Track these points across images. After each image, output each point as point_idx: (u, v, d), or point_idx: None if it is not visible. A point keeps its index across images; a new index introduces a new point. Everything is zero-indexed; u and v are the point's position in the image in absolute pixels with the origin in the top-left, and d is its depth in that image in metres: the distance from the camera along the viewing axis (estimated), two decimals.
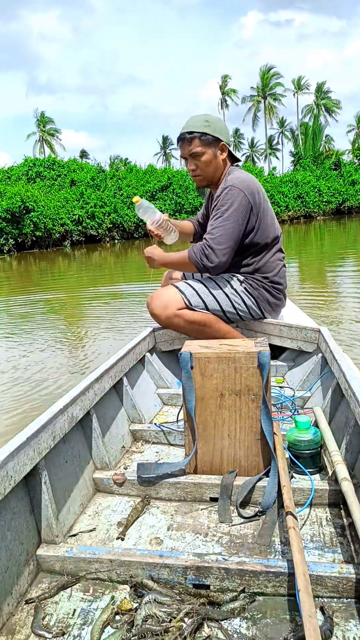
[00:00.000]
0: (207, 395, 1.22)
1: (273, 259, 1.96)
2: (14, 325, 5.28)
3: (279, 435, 1.30)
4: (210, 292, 1.90)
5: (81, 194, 22.04)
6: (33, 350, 4.03)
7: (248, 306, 1.95)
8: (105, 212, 21.90)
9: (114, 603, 0.89)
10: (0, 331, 4.98)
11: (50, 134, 50.50)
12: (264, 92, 50.13)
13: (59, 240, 21.03)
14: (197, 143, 1.87)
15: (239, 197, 1.80)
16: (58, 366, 3.50)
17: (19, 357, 3.85)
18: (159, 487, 1.23)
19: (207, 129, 1.85)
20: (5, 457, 0.88)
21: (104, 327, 4.75)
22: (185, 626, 0.81)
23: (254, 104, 51.86)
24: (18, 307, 6.51)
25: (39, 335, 4.60)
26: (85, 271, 11.07)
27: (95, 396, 1.33)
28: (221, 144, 1.89)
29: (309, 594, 0.78)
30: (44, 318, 5.59)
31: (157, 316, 1.89)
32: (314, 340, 1.86)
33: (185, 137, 1.88)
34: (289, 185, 28.37)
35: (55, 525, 1.03)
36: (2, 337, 4.70)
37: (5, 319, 5.68)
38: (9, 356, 3.91)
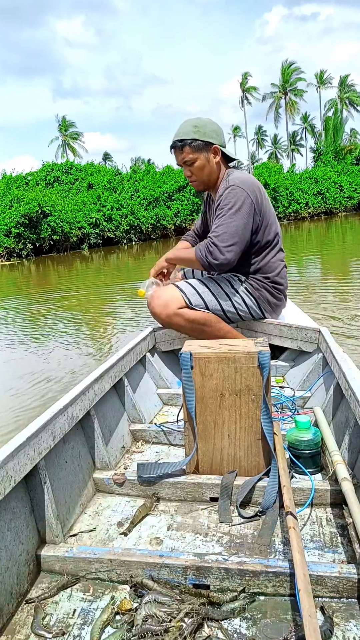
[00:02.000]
0: (207, 395, 1.22)
1: (274, 259, 1.96)
2: (37, 324, 5.51)
3: (279, 435, 1.30)
4: (211, 291, 1.90)
5: (98, 197, 22.11)
6: (55, 347, 4.22)
7: (248, 306, 1.95)
8: (122, 215, 21.94)
9: (114, 603, 0.89)
10: (29, 330, 5.16)
11: (73, 137, 50.84)
12: (285, 88, 49.63)
13: (77, 244, 21.16)
14: (188, 150, 1.87)
15: (243, 197, 1.80)
16: (84, 360, 3.71)
17: (46, 352, 4.08)
18: (159, 487, 1.23)
19: (197, 134, 1.85)
20: (5, 457, 0.88)
21: (127, 322, 4.91)
22: (185, 626, 0.81)
23: (275, 100, 51.43)
24: (39, 306, 6.78)
25: (62, 332, 4.80)
26: (103, 273, 11.22)
27: (95, 396, 1.34)
28: (213, 147, 1.88)
29: (309, 594, 0.78)
30: (65, 317, 5.78)
31: (158, 315, 1.89)
32: (314, 340, 1.86)
33: (176, 146, 1.88)
34: (308, 182, 27.98)
35: (55, 525, 1.03)
36: (30, 336, 4.88)
37: (29, 319, 5.89)
38: (40, 352, 4.12)
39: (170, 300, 1.86)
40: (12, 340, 4.75)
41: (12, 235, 19.06)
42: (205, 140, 1.86)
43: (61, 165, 25.23)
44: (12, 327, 5.46)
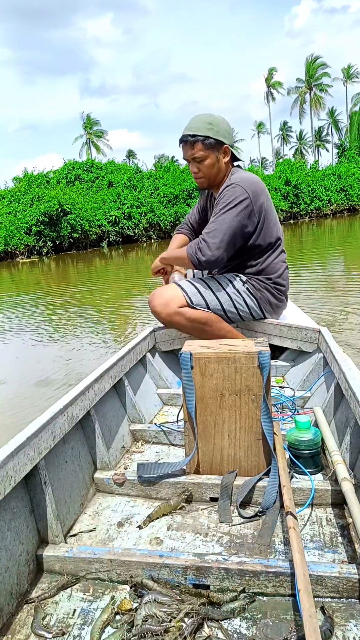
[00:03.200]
0: (207, 395, 1.22)
1: (277, 260, 1.96)
2: (56, 317, 5.77)
3: (279, 435, 1.30)
4: (212, 291, 1.90)
5: (118, 195, 22.17)
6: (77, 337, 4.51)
7: (249, 306, 1.95)
8: (142, 212, 21.99)
9: (114, 603, 0.89)
10: (57, 323, 5.41)
11: (97, 135, 51.08)
12: (310, 83, 49.19)
13: (96, 242, 21.27)
14: (199, 147, 1.84)
15: (241, 195, 1.80)
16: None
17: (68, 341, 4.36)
18: (159, 487, 1.23)
19: (211, 132, 1.82)
20: (5, 457, 0.88)
21: (145, 316, 5.06)
22: (185, 626, 0.81)
23: (300, 95, 50.99)
24: (59, 301, 7.09)
25: (83, 325, 5.08)
26: (122, 270, 11.34)
27: (95, 396, 1.33)
28: (224, 147, 1.87)
29: (309, 594, 0.78)
30: (84, 310, 6.06)
31: (158, 314, 1.89)
32: (314, 341, 1.86)
33: (187, 140, 1.84)
34: (331, 178, 27.81)
35: (55, 525, 1.03)
36: (58, 329, 5.11)
37: (50, 314, 6.11)
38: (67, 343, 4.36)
39: (171, 299, 1.86)
40: (37, 332, 5.00)
41: (32, 233, 19.27)
42: (218, 139, 1.84)
43: (82, 163, 25.37)
44: (32, 320, 5.73)
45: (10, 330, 5.23)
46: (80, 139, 50.71)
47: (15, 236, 18.87)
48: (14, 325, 5.48)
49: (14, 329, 5.29)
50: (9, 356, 4.22)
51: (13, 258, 19.12)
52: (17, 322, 5.68)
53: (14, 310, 6.70)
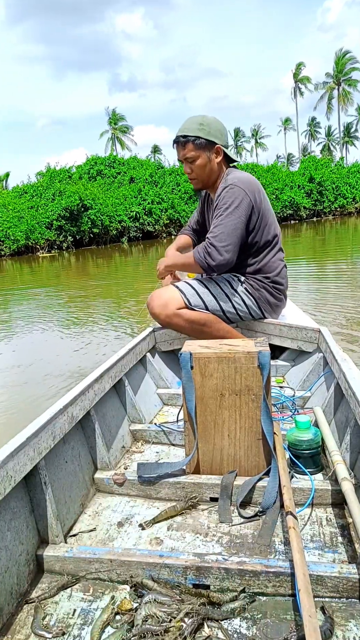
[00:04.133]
0: (207, 395, 1.22)
1: (274, 259, 1.96)
2: (75, 309, 5.99)
3: (279, 435, 1.30)
4: (210, 292, 1.90)
5: (139, 190, 22.24)
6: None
7: (248, 306, 1.95)
8: (163, 208, 22.04)
9: (114, 603, 0.89)
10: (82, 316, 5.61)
11: (122, 130, 51.20)
12: (338, 78, 48.50)
13: (117, 237, 21.36)
14: (190, 147, 1.86)
15: (240, 196, 1.80)
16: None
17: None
18: (159, 487, 1.23)
19: (201, 132, 1.85)
20: (5, 457, 0.88)
21: None
22: (185, 626, 0.81)
23: (327, 90, 50.40)
24: (76, 294, 7.36)
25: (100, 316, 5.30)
26: (142, 265, 11.49)
27: (95, 396, 1.33)
28: (216, 147, 1.88)
29: (309, 594, 0.78)
30: (102, 303, 6.31)
31: (157, 315, 1.89)
32: (314, 340, 1.86)
33: (179, 141, 1.88)
34: (357, 175, 27.65)
35: (55, 525, 1.03)
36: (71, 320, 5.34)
37: (71, 306, 6.35)
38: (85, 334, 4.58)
39: (169, 301, 1.86)
40: (62, 323, 5.17)
41: (53, 227, 19.41)
42: (209, 139, 1.86)
43: (105, 158, 25.51)
44: (54, 311, 5.94)
45: (35, 322, 5.39)
46: (105, 134, 51.01)
47: (36, 230, 19.02)
48: (41, 317, 5.67)
49: (41, 320, 5.47)
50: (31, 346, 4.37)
51: (34, 252, 19.26)
52: (40, 314, 5.87)
53: (37, 303, 6.90)
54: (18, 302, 7.26)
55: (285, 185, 25.72)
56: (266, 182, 24.33)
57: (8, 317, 5.95)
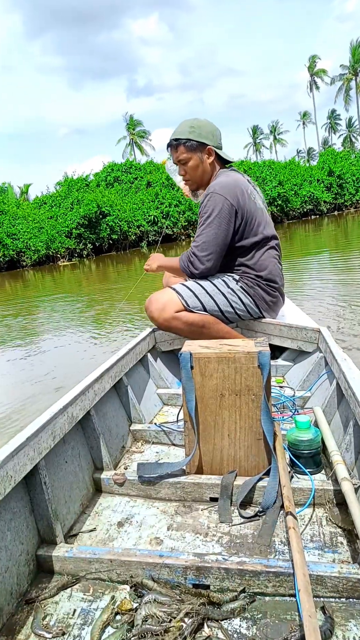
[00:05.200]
0: (207, 395, 1.22)
1: (265, 257, 1.96)
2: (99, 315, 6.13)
3: (279, 435, 1.30)
4: (207, 292, 1.90)
5: (156, 194, 22.29)
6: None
7: (246, 305, 1.95)
8: (180, 211, 22.10)
9: (114, 603, 0.89)
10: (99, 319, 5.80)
11: (140, 136, 51.39)
12: (355, 68, 47.73)
13: (136, 242, 21.44)
14: (182, 150, 1.94)
15: (220, 203, 1.84)
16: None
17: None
18: (159, 487, 1.23)
19: (192, 134, 1.91)
20: (5, 457, 0.88)
21: None
22: (185, 626, 0.81)
23: (344, 82, 49.71)
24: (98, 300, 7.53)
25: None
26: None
27: (95, 396, 1.33)
28: (207, 148, 1.93)
29: (309, 594, 0.78)
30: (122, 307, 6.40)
31: (155, 319, 1.89)
32: (314, 340, 1.86)
33: (172, 144, 1.96)
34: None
35: (55, 525, 1.03)
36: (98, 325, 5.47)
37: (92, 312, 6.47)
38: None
39: (167, 304, 1.86)
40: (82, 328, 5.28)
41: (73, 236, 19.59)
42: (200, 140, 1.92)
43: (121, 165, 25.59)
44: (75, 317, 6.09)
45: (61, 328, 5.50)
46: (123, 140, 51.32)
47: (57, 240, 19.18)
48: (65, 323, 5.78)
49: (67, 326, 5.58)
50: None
51: (54, 261, 19.42)
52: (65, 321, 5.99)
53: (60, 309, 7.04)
54: (46, 308, 7.44)
55: (304, 181, 25.55)
56: (284, 179, 24.19)
57: (45, 322, 6.10)
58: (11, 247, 18.37)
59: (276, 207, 24.00)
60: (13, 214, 19.67)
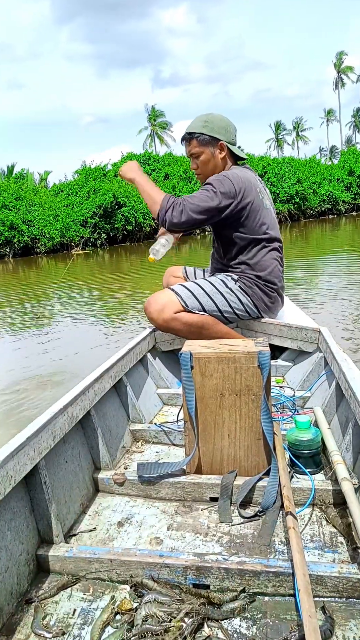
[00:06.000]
0: (207, 395, 1.22)
1: (266, 258, 1.96)
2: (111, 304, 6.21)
3: (279, 435, 1.30)
4: (206, 293, 1.90)
5: (173, 187, 22.20)
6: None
7: (244, 304, 1.95)
8: None
9: (114, 603, 0.89)
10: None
11: (161, 127, 51.31)
12: None
13: (150, 234, 21.38)
14: (195, 143, 1.95)
15: (226, 183, 1.84)
16: None
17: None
18: (159, 487, 1.23)
19: (205, 129, 1.92)
20: (5, 457, 0.88)
21: None
22: (185, 626, 0.81)
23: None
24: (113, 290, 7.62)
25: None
26: (176, 260, 11.67)
27: (95, 396, 1.33)
28: (219, 143, 1.94)
29: (309, 594, 0.78)
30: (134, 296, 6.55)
31: (155, 320, 1.89)
32: (314, 340, 1.86)
33: (185, 138, 1.98)
34: None
35: (55, 525, 1.03)
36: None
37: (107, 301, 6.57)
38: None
39: (166, 305, 1.86)
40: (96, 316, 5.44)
41: (88, 225, 19.50)
42: (212, 135, 1.93)
43: (140, 156, 25.49)
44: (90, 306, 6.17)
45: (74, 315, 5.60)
46: (144, 130, 51.24)
47: (71, 228, 19.13)
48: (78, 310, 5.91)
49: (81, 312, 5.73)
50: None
51: (68, 250, 19.38)
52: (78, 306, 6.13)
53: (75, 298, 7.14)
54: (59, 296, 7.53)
55: (323, 179, 25.39)
56: (303, 176, 24.02)
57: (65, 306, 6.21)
58: (26, 233, 18.38)
59: (293, 205, 23.78)
60: (30, 201, 19.68)
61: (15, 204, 18.94)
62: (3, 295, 8.14)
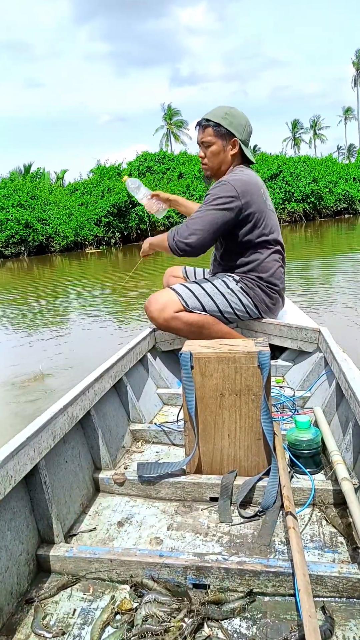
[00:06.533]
0: (207, 395, 1.22)
1: (269, 260, 1.95)
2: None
3: (279, 435, 1.30)
4: (207, 293, 1.90)
5: (187, 186, 22.22)
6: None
7: (245, 305, 1.94)
8: None
9: (114, 603, 0.90)
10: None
11: (177, 125, 51.26)
12: None
13: (164, 232, 21.40)
14: (209, 132, 1.93)
15: (228, 192, 1.83)
16: None
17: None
18: (159, 487, 1.23)
19: (224, 121, 1.90)
20: (5, 457, 0.88)
21: None
22: (185, 626, 0.81)
23: None
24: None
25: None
26: (189, 260, 11.83)
27: (95, 396, 1.33)
28: (233, 139, 1.92)
29: (309, 594, 0.78)
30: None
31: (155, 319, 1.89)
32: (314, 340, 1.86)
33: (201, 124, 1.95)
34: None
35: (55, 525, 1.03)
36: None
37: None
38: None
39: (167, 304, 1.86)
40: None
41: (102, 224, 19.59)
42: (229, 129, 1.91)
43: (154, 155, 25.44)
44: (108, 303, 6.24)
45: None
46: (161, 129, 51.26)
47: (85, 227, 19.16)
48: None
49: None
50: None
51: (82, 248, 19.42)
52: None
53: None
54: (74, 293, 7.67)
55: (339, 178, 25.18)
56: (319, 175, 23.81)
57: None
58: (41, 232, 18.45)
59: (309, 204, 23.56)
60: (45, 199, 19.73)
61: (31, 202, 19.04)
62: (21, 292, 8.27)
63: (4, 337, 4.72)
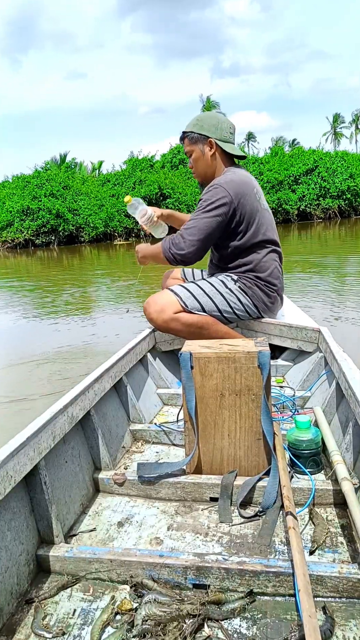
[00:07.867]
0: (207, 395, 1.22)
1: (266, 259, 1.95)
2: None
3: (279, 435, 1.30)
4: (206, 293, 1.90)
5: None
6: None
7: (244, 304, 1.94)
8: None
9: (114, 603, 0.89)
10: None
11: None
12: None
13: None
14: (187, 142, 1.99)
15: (220, 196, 1.83)
16: None
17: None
18: (159, 487, 1.23)
19: (195, 127, 1.95)
20: (5, 457, 0.88)
21: None
22: (185, 626, 0.81)
23: None
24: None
25: None
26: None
27: (95, 396, 1.33)
28: (208, 140, 1.94)
29: (309, 594, 0.78)
30: None
31: (154, 321, 1.89)
32: (314, 340, 1.86)
33: (181, 137, 2.01)
34: None
35: (55, 525, 1.03)
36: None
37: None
38: None
39: (166, 305, 1.86)
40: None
41: (132, 216, 19.63)
42: (201, 133, 1.94)
43: None
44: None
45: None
46: None
47: (115, 218, 19.17)
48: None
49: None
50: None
51: (111, 240, 19.45)
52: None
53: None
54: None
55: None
56: (357, 172, 23.25)
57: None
58: (71, 222, 18.51)
59: (344, 200, 23.16)
60: (77, 190, 19.76)
61: (63, 192, 19.07)
62: (52, 280, 8.51)
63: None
